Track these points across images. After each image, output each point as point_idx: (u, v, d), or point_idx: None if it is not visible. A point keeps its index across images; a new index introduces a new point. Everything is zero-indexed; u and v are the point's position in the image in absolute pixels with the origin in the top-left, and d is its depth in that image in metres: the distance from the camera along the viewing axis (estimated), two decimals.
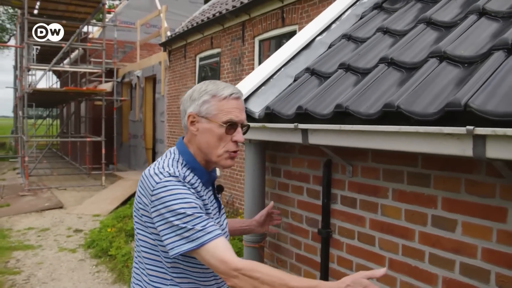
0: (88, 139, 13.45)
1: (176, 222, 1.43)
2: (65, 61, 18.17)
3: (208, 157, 1.62)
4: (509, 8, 1.89)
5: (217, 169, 2.46)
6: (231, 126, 1.58)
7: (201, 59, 9.91)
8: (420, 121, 1.54)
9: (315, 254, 2.36)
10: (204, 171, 1.62)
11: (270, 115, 2.32)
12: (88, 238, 7.37)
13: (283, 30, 6.99)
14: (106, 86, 12.79)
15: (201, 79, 9.88)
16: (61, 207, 9.85)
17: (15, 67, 21.03)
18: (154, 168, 1.54)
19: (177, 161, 1.59)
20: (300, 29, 6.22)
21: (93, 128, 15.17)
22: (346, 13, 2.95)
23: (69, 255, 6.65)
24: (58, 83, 22.52)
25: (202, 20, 9.14)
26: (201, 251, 1.42)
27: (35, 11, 12.87)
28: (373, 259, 2.03)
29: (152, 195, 1.47)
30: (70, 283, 5.58)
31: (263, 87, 2.60)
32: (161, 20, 12.64)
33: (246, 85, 2.59)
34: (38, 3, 12.26)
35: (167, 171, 1.50)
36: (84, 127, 16.95)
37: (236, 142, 1.60)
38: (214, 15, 8.65)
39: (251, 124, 2.35)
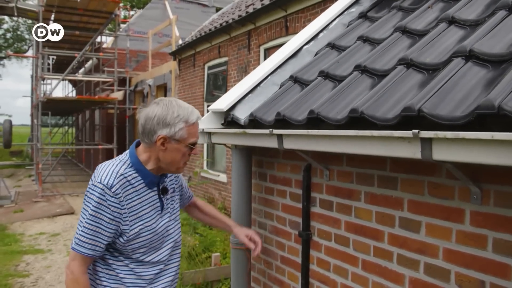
0: (100, 147, 13.70)
1: (81, 220, 1.82)
2: (80, 71, 18.57)
3: (168, 168, 1.90)
4: (476, 16, 1.95)
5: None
6: (194, 145, 1.88)
7: (210, 68, 10.06)
8: (383, 125, 1.62)
9: (298, 256, 2.43)
10: (148, 174, 1.88)
11: (254, 122, 2.41)
12: None
13: (287, 38, 7.07)
14: (117, 95, 13.04)
15: (209, 87, 10.02)
16: (72, 213, 10.04)
17: (32, 77, 21.53)
18: (101, 167, 1.85)
19: (125, 162, 1.86)
20: None
21: (106, 136, 15.45)
22: (334, 22, 3.03)
23: None
24: (74, 92, 22.98)
25: (210, 30, 9.30)
26: (72, 251, 1.84)
27: (50, 22, 13.23)
28: (348, 260, 2.09)
29: (86, 189, 1.84)
30: None
31: (250, 95, 2.69)
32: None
33: (233, 93, 2.68)
34: (53, 15, 12.61)
35: (101, 176, 1.80)
36: (98, 135, 17.25)
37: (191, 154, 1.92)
38: (221, 24, 8.81)
39: (236, 130, 2.45)
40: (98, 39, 15.45)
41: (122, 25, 17.23)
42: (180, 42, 12.02)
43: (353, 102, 1.87)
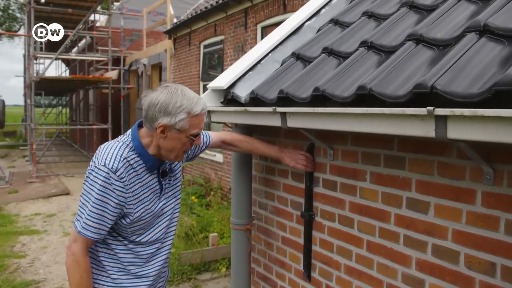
0: (94, 127, 13.58)
1: (85, 203, 1.80)
2: (74, 50, 18.29)
3: (167, 155, 1.86)
4: None
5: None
6: (196, 136, 1.86)
7: (205, 47, 9.91)
8: (393, 103, 1.55)
9: (299, 236, 2.39)
10: (150, 158, 1.86)
11: (255, 100, 2.34)
12: None
13: (285, 16, 6.94)
14: (112, 74, 12.87)
15: (205, 66, 9.89)
16: (67, 194, 10.00)
17: (25, 56, 21.18)
18: (104, 149, 1.82)
19: (127, 145, 1.84)
20: None
21: (100, 116, 15.31)
22: None
23: None
24: (68, 71, 22.68)
25: (206, 8, 9.12)
26: (74, 233, 1.83)
27: (42, 0, 12.93)
28: (352, 241, 2.06)
29: (88, 171, 1.81)
30: None
31: (250, 72, 2.61)
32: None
33: (233, 71, 2.60)
34: None
35: (105, 160, 1.77)
36: (92, 115, 17.10)
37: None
38: (217, 2, 8.63)
39: (237, 108, 2.38)
40: (92, 18, 15.13)
41: (116, 3, 16.91)
42: (175, 20, 11.81)
43: (360, 79, 1.81)
